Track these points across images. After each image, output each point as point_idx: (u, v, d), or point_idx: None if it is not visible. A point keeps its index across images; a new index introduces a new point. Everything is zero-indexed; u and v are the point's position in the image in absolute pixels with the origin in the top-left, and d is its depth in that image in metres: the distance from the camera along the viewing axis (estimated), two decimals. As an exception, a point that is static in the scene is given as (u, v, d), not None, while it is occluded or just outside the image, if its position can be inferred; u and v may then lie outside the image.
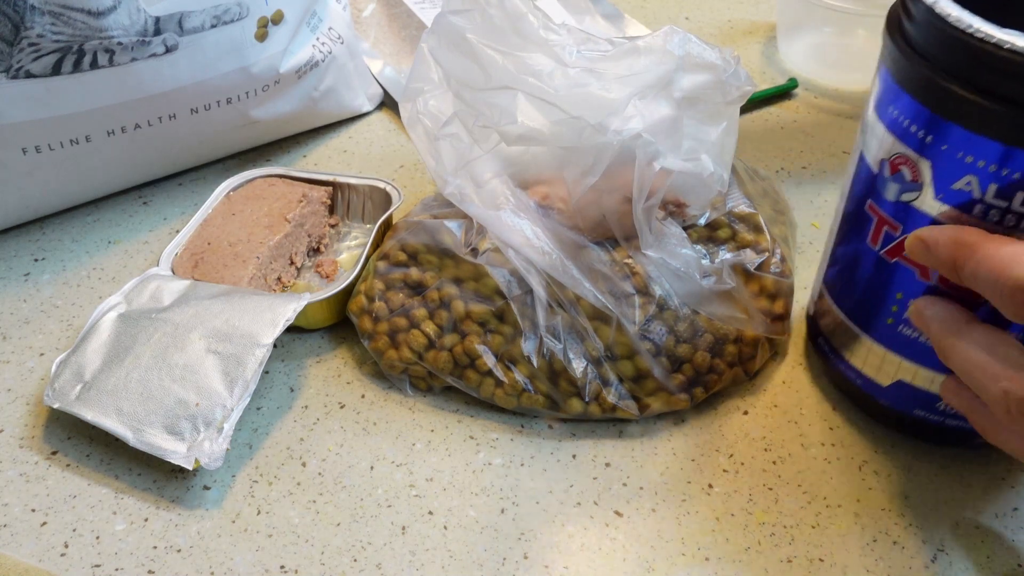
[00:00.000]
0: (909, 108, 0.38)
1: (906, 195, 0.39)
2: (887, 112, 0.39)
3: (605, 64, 0.45)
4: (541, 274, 0.46)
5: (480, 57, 0.44)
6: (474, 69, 0.45)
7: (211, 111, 0.58)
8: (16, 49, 0.49)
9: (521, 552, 0.41)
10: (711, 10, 0.81)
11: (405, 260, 0.49)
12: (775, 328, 0.49)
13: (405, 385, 0.48)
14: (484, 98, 0.44)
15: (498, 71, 0.44)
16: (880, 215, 0.41)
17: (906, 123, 0.38)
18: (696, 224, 0.49)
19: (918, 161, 0.38)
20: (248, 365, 0.45)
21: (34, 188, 0.55)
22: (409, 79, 0.48)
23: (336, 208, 0.58)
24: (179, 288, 0.49)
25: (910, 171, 0.38)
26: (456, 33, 0.45)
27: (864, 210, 0.42)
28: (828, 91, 0.71)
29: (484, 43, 0.45)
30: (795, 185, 0.62)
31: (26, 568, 0.41)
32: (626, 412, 0.46)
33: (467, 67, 0.45)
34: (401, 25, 0.74)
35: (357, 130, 0.66)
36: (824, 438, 0.46)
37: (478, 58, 0.44)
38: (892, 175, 0.39)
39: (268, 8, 0.57)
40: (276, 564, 0.41)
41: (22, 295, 0.53)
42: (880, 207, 0.41)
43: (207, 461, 0.42)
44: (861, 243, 0.42)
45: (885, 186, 0.40)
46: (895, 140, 0.39)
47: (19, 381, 0.49)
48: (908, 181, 0.39)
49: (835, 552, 0.42)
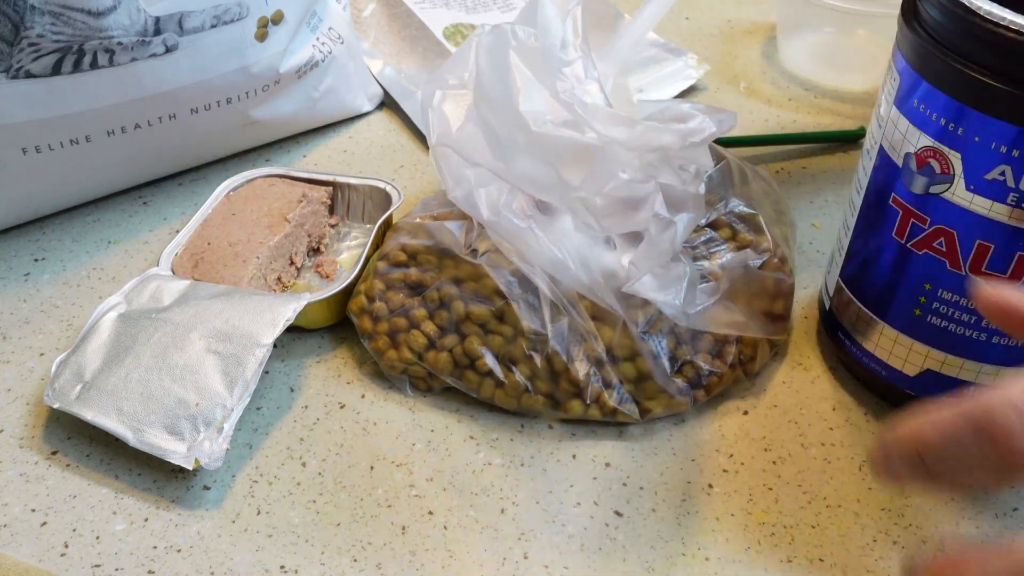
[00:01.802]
0: (936, 101, 0.38)
1: (935, 187, 0.39)
2: (910, 106, 0.39)
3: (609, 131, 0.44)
4: (544, 274, 0.46)
5: (508, 80, 0.44)
6: (497, 88, 0.44)
7: (211, 111, 0.58)
8: (16, 49, 0.49)
9: (521, 552, 0.41)
10: (711, 10, 0.81)
11: (405, 260, 0.49)
12: (775, 329, 0.49)
13: (405, 385, 0.48)
14: (492, 121, 0.44)
15: (512, 102, 0.44)
16: (906, 208, 0.41)
17: (933, 116, 0.38)
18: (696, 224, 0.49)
19: (948, 153, 0.38)
20: (248, 365, 0.45)
21: (34, 188, 0.55)
22: (443, 66, 0.47)
23: (336, 208, 0.58)
24: (179, 288, 0.49)
25: (939, 163, 0.38)
26: (505, 44, 0.45)
27: (887, 204, 0.42)
28: (828, 91, 0.71)
29: (520, 68, 0.44)
30: (795, 185, 0.62)
31: (26, 568, 0.41)
32: (627, 416, 0.46)
33: (493, 83, 0.44)
34: (401, 25, 0.74)
35: (357, 130, 0.66)
36: (824, 438, 0.46)
37: (506, 80, 0.44)
38: (919, 168, 0.39)
39: (268, 8, 0.57)
40: (276, 564, 0.41)
41: (22, 295, 0.53)
42: (906, 200, 0.41)
43: (207, 461, 0.42)
44: (884, 236, 0.43)
45: (911, 179, 0.40)
46: (921, 133, 0.39)
47: (19, 381, 0.49)
48: (938, 173, 0.39)
49: (835, 552, 0.42)
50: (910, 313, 0.43)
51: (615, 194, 0.43)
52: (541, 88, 0.44)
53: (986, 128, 0.36)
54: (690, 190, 0.44)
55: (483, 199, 0.45)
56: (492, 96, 0.44)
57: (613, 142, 0.43)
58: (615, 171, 0.42)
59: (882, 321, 0.44)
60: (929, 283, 0.41)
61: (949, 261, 0.40)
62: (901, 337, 0.44)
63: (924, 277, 0.41)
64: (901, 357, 0.44)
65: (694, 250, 0.49)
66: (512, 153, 0.44)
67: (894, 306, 0.44)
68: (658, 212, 0.43)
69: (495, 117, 0.44)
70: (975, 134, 0.37)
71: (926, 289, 0.42)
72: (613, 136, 0.43)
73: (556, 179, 0.43)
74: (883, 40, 0.70)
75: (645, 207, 0.43)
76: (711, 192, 0.51)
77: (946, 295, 0.41)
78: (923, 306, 0.42)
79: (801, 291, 0.54)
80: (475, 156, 0.44)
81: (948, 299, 0.41)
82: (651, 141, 0.43)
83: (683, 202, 0.44)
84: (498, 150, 0.44)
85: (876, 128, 0.43)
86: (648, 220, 0.43)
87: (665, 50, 0.72)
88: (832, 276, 0.48)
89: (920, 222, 0.41)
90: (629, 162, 0.43)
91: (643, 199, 0.43)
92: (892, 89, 0.41)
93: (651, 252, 0.43)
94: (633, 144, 0.43)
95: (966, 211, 0.38)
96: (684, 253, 0.48)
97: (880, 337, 0.45)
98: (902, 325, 0.43)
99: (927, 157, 0.39)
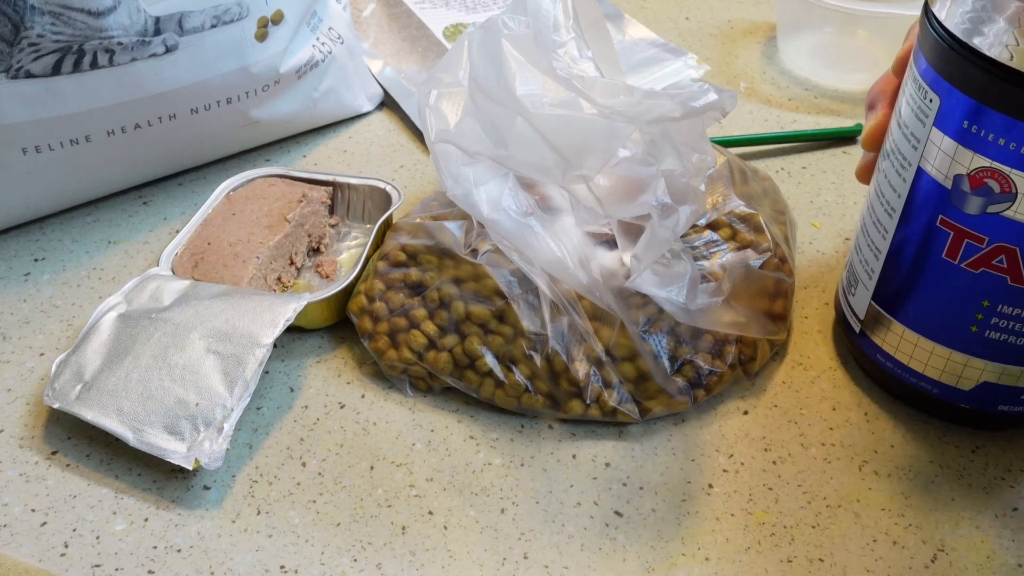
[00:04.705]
0: (994, 122, 0.37)
1: (994, 207, 0.38)
2: (957, 126, 0.38)
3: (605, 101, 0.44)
4: (544, 273, 0.46)
5: (502, 67, 0.44)
6: (492, 77, 0.44)
7: (211, 111, 0.58)
8: (16, 49, 0.49)
9: (521, 552, 0.41)
10: (711, 10, 0.81)
11: (405, 260, 0.49)
12: (775, 329, 0.49)
13: (405, 385, 0.48)
14: (490, 110, 0.44)
15: (508, 88, 0.44)
16: (959, 229, 0.40)
17: (990, 136, 0.37)
18: (696, 224, 0.49)
19: (1010, 173, 0.37)
20: (248, 365, 0.45)
21: (34, 188, 0.55)
22: (437, 66, 0.47)
23: (336, 208, 0.58)
24: (179, 288, 0.49)
25: (999, 183, 0.38)
26: (496, 34, 0.45)
27: (934, 226, 0.41)
28: (828, 91, 0.71)
29: (513, 55, 0.44)
30: (795, 185, 0.62)
31: (26, 568, 0.41)
32: (626, 416, 0.46)
33: (488, 73, 0.44)
34: (401, 25, 0.74)
35: (357, 130, 0.66)
36: (824, 438, 0.46)
37: (500, 67, 0.44)
38: (974, 189, 0.39)
39: (268, 8, 0.57)
40: (276, 564, 0.41)
41: (22, 295, 0.53)
42: (958, 221, 0.40)
43: (207, 461, 0.42)
44: (932, 259, 0.42)
45: (964, 200, 0.39)
46: (974, 155, 0.38)
47: (19, 381, 0.49)
48: (997, 193, 0.38)
49: (835, 552, 0.42)
50: (966, 331, 0.42)
51: (617, 173, 0.43)
52: (536, 71, 0.44)
53: None
54: (692, 183, 0.43)
55: (483, 197, 0.45)
56: (488, 85, 0.44)
57: (613, 113, 0.42)
58: (616, 148, 0.42)
59: (933, 342, 0.43)
60: (988, 300, 0.41)
61: (1011, 277, 0.39)
62: (955, 355, 0.43)
63: (982, 295, 0.41)
64: (955, 374, 0.44)
65: (694, 250, 0.49)
66: (511, 140, 0.43)
67: (946, 326, 0.43)
68: (660, 198, 0.43)
69: (492, 105, 0.44)
70: None
71: (984, 306, 0.41)
72: (613, 106, 0.42)
73: (557, 160, 0.43)
74: (883, 40, 0.70)
75: (648, 191, 0.43)
76: (711, 192, 0.51)
77: (1007, 310, 0.41)
78: (980, 323, 0.41)
79: (801, 291, 0.54)
80: (475, 147, 0.44)
81: (1010, 313, 0.41)
82: (651, 109, 0.42)
83: (685, 194, 0.43)
84: (497, 139, 0.44)
85: (906, 147, 0.41)
86: (651, 204, 0.43)
87: (665, 50, 0.72)
88: (860, 299, 0.47)
89: (976, 242, 0.40)
90: (631, 137, 0.43)
91: (646, 181, 0.43)
92: (924, 107, 0.40)
93: (653, 243, 0.43)
94: (633, 112, 0.42)
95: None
96: (685, 253, 0.48)
97: (931, 357, 0.44)
98: (957, 343, 0.43)
99: (983, 178, 0.38)
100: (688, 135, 0.43)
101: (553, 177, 0.43)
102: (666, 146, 0.43)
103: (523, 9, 0.45)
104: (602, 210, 0.44)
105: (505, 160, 0.44)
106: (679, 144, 0.43)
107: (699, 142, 0.44)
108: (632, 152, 0.43)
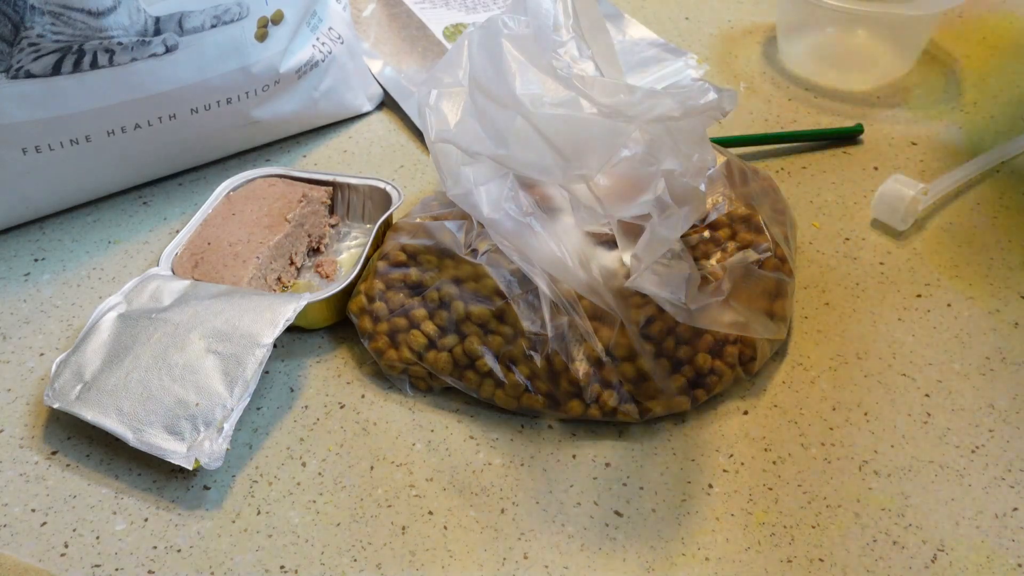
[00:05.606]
0: None
1: None
2: None
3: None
4: (544, 273, 0.46)
5: (502, 67, 0.44)
6: (492, 76, 0.44)
7: (211, 111, 0.58)
8: (16, 49, 0.49)
9: (521, 552, 0.41)
10: (711, 10, 0.81)
11: (405, 260, 0.49)
12: (775, 329, 0.49)
13: (405, 385, 0.48)
14: (490, 110, 0.44)
15: (508, 88, 0.43)
16: None
17: None
18: (696, 224, 0.49)
19: None
20: (248, 365, 0.45)
21: (34, 188, 0.55)
22: (437, 66, 0.47)
23: (336, 208, 0.58)
24: (179, 288, 0.49)
25: None
26: (496, 34, 0.45)
27: None
28: (828, 91, 0.71)
29: (513, 54, 0.44)
30: (795, 185, 0.62)
31: (26, 568, 0.41)
32: (626, 416, 0.46)
33: (488, 73, 0.44)
34: (401, 25, 0.74)
35: (357, 130, 0.66)
36: (824, 438, 0.46)
37: (501, 67, 0.44)
38: None
39: (268, 8, 0.57)
40: (276, 564, 0.41)
41: (22, 295, 0.53)
42: None
43: (207, 461, 0.42)
44: None
45: None
46: None
47: (19, 381, 0.49)
48: None
49: (835, 552, 0.42)
50: None
51: (617, 172, 0.43)
52: (536, 71, 0.44)
53: None
54: (692, 183, 0.43)
55: (483, 197, 0.45)
56: (488, 85, 0.44)
57: (613, 112, 0.42)
58: (617, 147, 0.42)
59: None
60: None
61: None
62: None
63: None
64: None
65: (694, 250, 0.49)
66: (512, 139, 0.43)
67: None
68: (661, 198, 0.42)
69: (492, 105, 0.44)
70: None
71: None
72: (613, 105, 0.42)
73: (558, 160, 0.43)
74: (883, 40, 0.70)
75: (648, 190, 0.43)
76: (711, 192, 0.51)
77: None
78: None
79: (801, 291, 0.54)
80: (475, 147, 0.44)
81: None
82: (652, 108, 0.42)
83: (685, 194, 0.43)
84: (497, 138, 0.44)
85: None
86: (651, 204, 0.43)
87: (665, 50, 0.72)
88: None
89: None
90: (631, 136, 0.42)
91: (646, 181, 0.43)
92: None
93: (653, 243, 0.43)
94: (634, 112, 0.42)
95: None
96: (684, 253, 0.48)
97: None
98: None
99: None
100: (688, 135, 0.43)
101: (553, 177, 0.43)
102: (666, 146, 0.43)
103: (523, 9, 0.45)
104: (602, 210, 0.44)
105: (505, 160, 0.44)
106: (679, 144, 0.43)
107: (699, 142, 0.44)
108: (632, 151, 0.43)
